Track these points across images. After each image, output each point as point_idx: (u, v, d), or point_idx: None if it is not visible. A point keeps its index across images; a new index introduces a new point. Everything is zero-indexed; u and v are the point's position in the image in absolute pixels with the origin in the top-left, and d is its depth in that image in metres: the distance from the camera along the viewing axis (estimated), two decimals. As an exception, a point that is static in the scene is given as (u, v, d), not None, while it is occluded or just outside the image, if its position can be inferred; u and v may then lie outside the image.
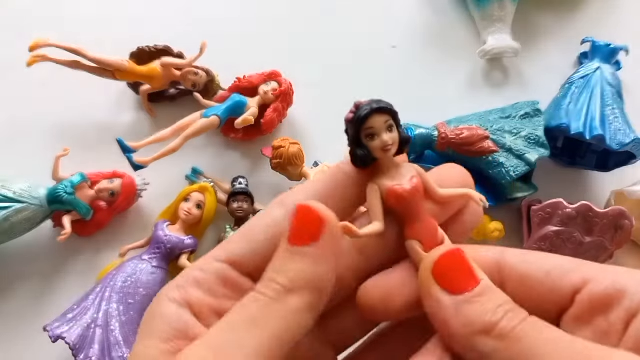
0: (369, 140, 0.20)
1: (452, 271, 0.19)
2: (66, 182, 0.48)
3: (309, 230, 0.19)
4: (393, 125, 0.21)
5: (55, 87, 0.55)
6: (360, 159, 0.21)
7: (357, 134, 0.21)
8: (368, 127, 0.20)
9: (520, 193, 0.52)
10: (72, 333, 0.43)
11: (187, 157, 0.53)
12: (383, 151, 0.20)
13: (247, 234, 0.21)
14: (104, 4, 0.60)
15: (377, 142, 0.20)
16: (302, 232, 0.19)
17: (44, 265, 0.51)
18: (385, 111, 0.20)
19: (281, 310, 0.18)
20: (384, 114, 0.20)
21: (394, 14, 0.61)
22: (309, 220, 0.19)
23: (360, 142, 0.21)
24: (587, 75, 0.54)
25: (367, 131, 0.20)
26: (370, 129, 0.20)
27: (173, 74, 0.53)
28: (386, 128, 0.20)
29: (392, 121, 0.21)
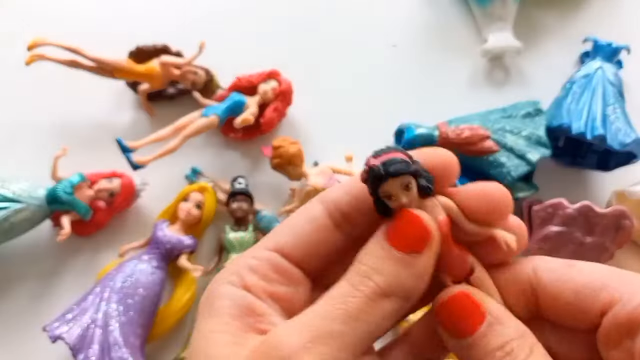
0: (387, 199, 0.20)
1: (455, 315, 0.20)
2: (65, 182, 0.48)
3: (414, 238, 0.19)
4: (410, 182, 0.20)
5: (53, 87, 0.55)
6: (382, 212, 0.21)
7: (375, 192, 0.20)
8: (384, 191, 0.20)
9: (521, 193, 0.51)
10: (72, 333, 0.43)
11: (187, 157, 0.53)
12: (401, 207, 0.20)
13: (292, 226, 0.22)
14: (103, 3, 0.60)
15: (394, 204, 0.20)
16: (408, 239, 0.19)
17: (43, 266, 0.50)
18: (399, 175, 0.20)
19: (376, 311, 0.19)
20: (397, 178, 0.20)
21: (394, 13, 0.61)
22: (415, 229, 0.19)
23: (380, 198, 0.20)
24: (588, 75, 0.54)
25: (384, 193, 0.20)
26: (386, 192, 0.20)
27: (172, 73, 0.53)
28: (402, 189, 0.20)
29: (408, 178, 0.20)
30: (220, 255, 0.50)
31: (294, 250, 0.22)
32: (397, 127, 0.54)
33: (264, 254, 0.22)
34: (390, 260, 0.19)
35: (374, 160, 0.20)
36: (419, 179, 0.20)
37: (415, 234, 0.19)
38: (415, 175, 0.20)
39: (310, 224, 0.22)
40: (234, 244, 0.49)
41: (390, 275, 0.19)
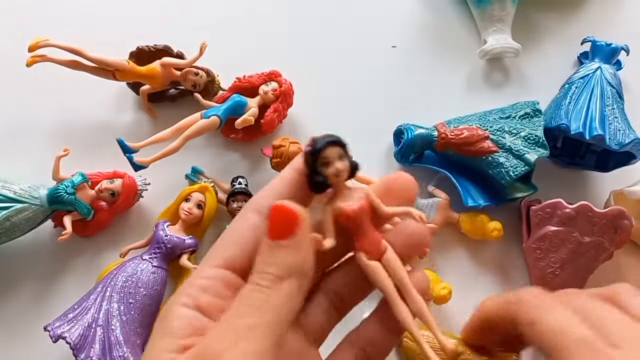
0: (325, 168, 0.24)
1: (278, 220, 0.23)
2: (67, 182, 0.48)
3: (286, 226, 0.22)
4: (344, 155, 0.24)
5: (55, 87, 0.55)
6: (317, 185, 0.24)
7: (315, 163, 0.24)
8: (324, 157, 0.24)
9: (520, 193, 0.52)
10: (73, 332, 0.43)
11: (187, 157, 0.53)
12: (336, 176, 0.24)
13: (236, 239, 0.24)
14: (104, 4, 0.60)
15: (331, 169, 0.24)
16: (281, 228, 0.22)
17: (45, 265, 0.51)
18: (337, 144, 0.24)
19: (278, 295, 0.21)
20: (336, 146, 0.24)
21: (394, 14, 0.61)
22: (285, 218, 0.22)
23: (317, 170, 0.24)
24: (587, 75, 0.54)
25: (323, 160, 0.24)
26: (325, 158, 0.24)
27: (173, 74, 0.53)
28: (338, 157, 0.24)
29: (342, 151, 0.24)
30: (220, 255, 0.50)
31: (241, 263, 0.23)
32: (397, 127, 0.54)
33: (213, 272, 0.23)
34: (277, 250, 0.22)
35: (316, 137, 0.24)
36: (350, 158, 0.25)
37: (287, 221, 0.22)
38: (347, 154, 0.25)
39: (252, 232, 0.23)
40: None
41: (279, 262, 0.22)
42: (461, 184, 0.51)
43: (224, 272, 0.23)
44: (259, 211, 0.24)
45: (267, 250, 0.22)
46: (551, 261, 0.49)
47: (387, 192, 0.25)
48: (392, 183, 0.26)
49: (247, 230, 0.24)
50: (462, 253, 0.53)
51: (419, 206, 0.52)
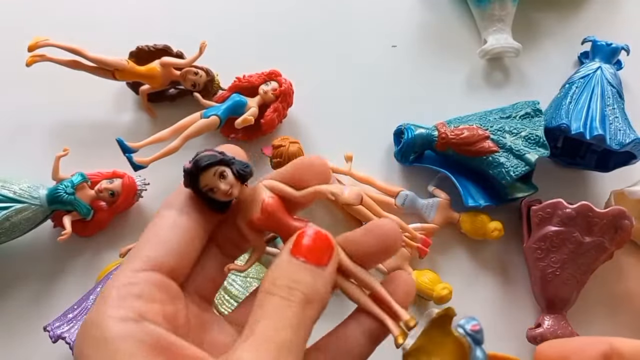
0: (212, 193, 0.22)
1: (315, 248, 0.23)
2: (66, 182, 0.48)
3: (323, 254, 0.22)
4: (224, 170, 0.22)
5: (54, 87, 0.55)
6: (217, 207, 0.23)
7: (201, 193, 0.22)
8: (204, 186, 0.22)
9: (520, 193, 0.52)
10: (73, 333, 0.43)
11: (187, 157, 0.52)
12: (228, 196, 0.22)
13: (158, 238, 0.22)
14: (104, 4, 0.60)
15: (218, 194, 0.22)
16: (318, 254, 0.22)
17: (44, 266, 0.51)
18: (208, 167, 0.22)
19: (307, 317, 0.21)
20: (208, 169, 0.22)
21: (394, 14, 0.61)
22: (324, 246, 0.22)
23: (208, 196, 0.22)
24: (587, 75, 0.54)
25: (205, 188, 0.22)
26: (205, 186, 0.22)
27: (173, 74, 0.53)
28: (218, 177, 0.22)
29: (220, 168, 0.22)
30: (220, 255, 0.50)
31: (168, 263, 0.22)
32: (397, 127, 0.54)
33: (140, 275, 0.21)
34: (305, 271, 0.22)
35: (187, 165, 0.22)
36: (232, 167, 0.22)
37: (324, 249, 0.22)
38: (227, 165, 0.22)
39: (174, 231, 0.22)
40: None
41: (310, 285, 0.21)
42: (461, 184, 0.51)
43: (150, 274, 0.21)
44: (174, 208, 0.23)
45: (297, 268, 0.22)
46: (552, 261, 0.49)
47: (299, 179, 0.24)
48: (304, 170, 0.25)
49: (169, 230, 0.23)
50: (462, 253, 0.53)
51: (420, 206, 0.52)
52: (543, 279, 0.49)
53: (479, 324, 0.23)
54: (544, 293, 0.49)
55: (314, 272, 0.22)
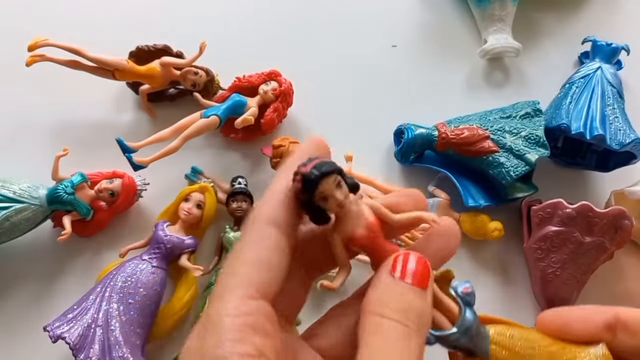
0: (323, 202, 0.21)
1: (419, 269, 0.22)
2: (66, 182, 0.48)
3: (426, 276, 0.22)
4: (341, 180, 0.22)
5: (54, 87, 0.55)
6: (320, 220, 0.22)
7: (311, 199, 0.21)
8: (319, 192, 0.21)
9: (521, 193, 0.52)
10: (73, 333, 0.43)
11: (187, 157, 0.53)
12: (339, 207, 0.22)
13: (263, 261, 0.21)
14: (104, 4, 0.60)
15: (331, 204, 0.22)
16: (422, 277, 0.22)
17: (44, 265, 0.51)
18: (331, 173, 0.21)
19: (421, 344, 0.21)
20: (330, 175, 0.21)
21: (394, 14, 0.61)
22: (425, 269, 0.22)
23: (315, 205, 0.22)
24: (587, 75, 0.54)
25: (320, 195, 0.21)
26: (321, 193, 0.21)
27: (172, 74, 0.53)
28: (335, 187, 0.21)
29: (339, 177, 0.22)
30: (220, 255, 0.50)
31: (273, 289, 0.21)
32: (397, 127, 0.54)
33: (253, 305, 0.20)
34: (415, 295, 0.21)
35: (305, 168, 0.21)
36: (344, 177, 0.22)
37: (424, 271, 0.22)
38: (342, 174, 0.22)
39: (278, 253, 0.21)
40: (234, 244, 0.49)
41: (420, 307, 0.21)
42: (462, 184, 0.51)
43: (261, 304, 0.20)
44: (275, 225, 0.21)
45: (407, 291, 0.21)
46: (552, 261, 0.49)
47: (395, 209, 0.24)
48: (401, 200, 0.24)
49: (274, 252, 0.21)
50: (462, 253, 0.53)
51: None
52: (543, 279, 0.49)
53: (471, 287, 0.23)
54: (544, 293, 0.49)
55: (422, 296, 0.21)
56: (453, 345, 0.23)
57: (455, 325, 0.23)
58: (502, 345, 0.23)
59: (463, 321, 0.23)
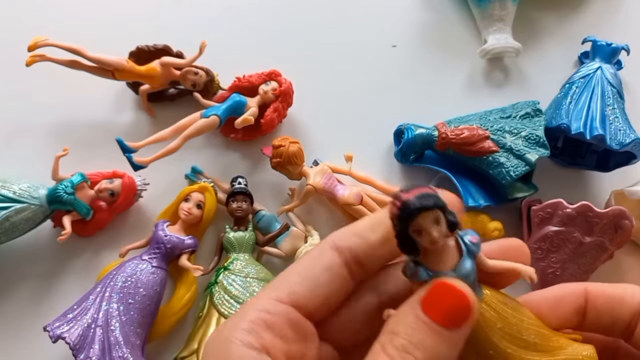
0: (417, 235, 0.20)
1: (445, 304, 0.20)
2: (66, 182, 0.48)
3: (455, 312, 0.19)
4: (440, 217, 0.20)
5: (54, 87, 0.55)
6: (409, 250, 0.21)
7: (405, 227, 0.20)
8: (415, 225, 0.20)
9: (521, 193, 0.52)
10: (72, 333, 0.43)
11: (187, 157, 0.53)
12: (432, 244, 0.20)
13: (308, 275, 0.21)
14: (104, 3, 0.60)
15: (425, 238, 0.20)
16: (447, 311, 0.19)
17: (44, 266, 0.51)
18: (433, 208, 0.20)
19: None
20: (431, 210, 0.20)
21: (394, 14, 0.61)
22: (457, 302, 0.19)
23: (408, 235, 0.20)
24: (587, 75, 0.54)
25: (414, 228, 0.20)
26: (418, 226, 0.20)
27: (172, 74, 0.53)
28: (433, 223, 0.20)
29: (439, 212, 0.20)
30: (220, 255, 0.50)
31: (309, 303, 0.21)
32: (397, 127, 0.54)
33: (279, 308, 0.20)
34: (430, 333, 0.19)
35: (407, 195, 0.20)
36: (446, 214, 0.21)
37: (456, 308, 0.19)
38: (444, 211, 0.20)
39: (328, 273, 0.21)
40: (234, 244, 0.49)
41: (430, 350, 0.19)
42: (462, 184, 0.51)
43: (288, 309, 0.20)
44: (337, 248, 0.22)
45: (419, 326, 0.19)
46: (552, 261, 0.49)
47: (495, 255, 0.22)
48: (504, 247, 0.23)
49: (322, 270, 0.21)
50: (462, 253, 0.53)
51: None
52: (543, 279, 0.49)
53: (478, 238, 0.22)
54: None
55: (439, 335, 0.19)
56: None
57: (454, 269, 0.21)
58: (493, 307, 0.22)
59: (462, 268, 0.21)
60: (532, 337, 0.22)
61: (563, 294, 0.23)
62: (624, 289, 0.22)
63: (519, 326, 0.22)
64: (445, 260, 0.21)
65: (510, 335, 0.22)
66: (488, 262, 0.22)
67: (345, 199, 0.50)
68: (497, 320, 0.22)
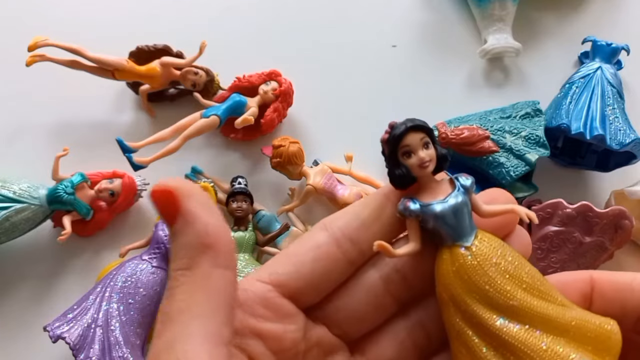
0: (406, 158, 0.21)
1: None
2: (66, 182, 0.48)
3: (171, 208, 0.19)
4: (429, 142, 0.21)
5: (54, 87, 0.55)
6: (399, 179, 0.21)
7: (394, 153, 0.21)
8: (404, 145, 0.21)
9: (521, 193, 0.52)
10: (73, 333, 0.43)
11: (187, 157, 0.53)
12: (421, 168, 0.21)
13: (292, 255, 0.21)
14: (104, 3, 0.60)
15: (414, 160, 0.21)
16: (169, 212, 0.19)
17: (44, 266, 0.51)
18: (420, 129, 0.21)
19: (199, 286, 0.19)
20: (419, 131, 0.21)
21: (394, 14, 0.61)
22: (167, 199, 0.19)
23: (398, 161, 0.21)
24: (587, 75, 0.54)
25: (404, 149, 0.21)
26: (406, 146, 0.21)
27: (172, 74, 0.53)
28: (422, 145, 0.21)
29: (427, 138, 0.21)
30: (220, 255, 0.50)
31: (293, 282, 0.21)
32: (397, 127, 0.54)
33: (254, 286, 0.20)
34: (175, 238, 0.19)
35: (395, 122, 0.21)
36: (436, 145, 0.21)
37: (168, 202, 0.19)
38: (433, 140, 0.21)
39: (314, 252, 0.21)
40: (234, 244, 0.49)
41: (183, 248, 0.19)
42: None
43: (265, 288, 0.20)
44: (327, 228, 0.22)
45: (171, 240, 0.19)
46: (552, 261, 0.49)
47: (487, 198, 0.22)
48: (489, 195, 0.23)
49: (308, 249, 0.21)
50: (462, 253, 0.53)
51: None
52: (543, 279, 0.49)
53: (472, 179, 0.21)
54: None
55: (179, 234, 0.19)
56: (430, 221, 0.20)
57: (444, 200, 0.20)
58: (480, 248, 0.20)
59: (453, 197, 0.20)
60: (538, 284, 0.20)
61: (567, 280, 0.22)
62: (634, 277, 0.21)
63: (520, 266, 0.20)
64: (437, 194, 0.21)
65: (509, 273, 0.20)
66: (482, 206, 0.21)
67: (345, 199, 0.50)
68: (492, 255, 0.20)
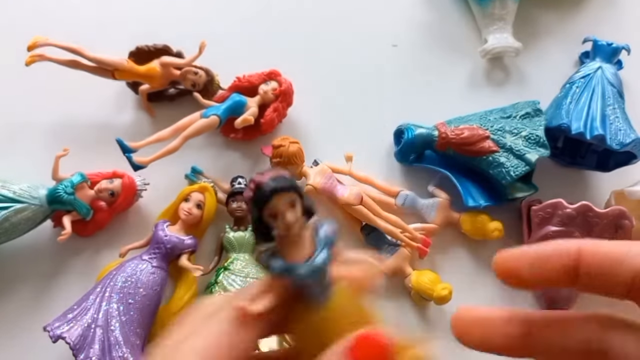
0: (273, 220, 0.20)
1: None
2: (66, 182, 0.48)
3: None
4: (296, 200, 0.20)
5: (54, 87, 0.55)
6: (264, 238, 0.21)
7: (259, 213, 0.20)
8: (270, 208, 0.20)
9: (521, 193, 0.52)
10: (73, 333, 0.43)
11: (187, 157, 0.53)
12: (287, 230, 0.20)
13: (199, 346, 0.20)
14: (103, 3, 0.60)
15: (279, 223, 0.20)
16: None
17: (44, 266, 0.51)
18: (286, 190, 0.20)
19: None
20: (284, 193, 0.20)
21: (395, 13, 0.61)
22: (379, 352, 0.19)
23: (263, 221, 0.20)
24: (588, 75, 0.54)
25: (270, 211, 0.20)
26: (272, 208, 0.20)
27: (172, 74, 0.53)
28: (289, 206, 0.20)
29: (294, 196, 0.20)
30: (220, 255, 0.50)
31: None
32: (397, 127, 0.54)
33: None
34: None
35: (261, 177, 0.20)
36: (303, 199, 0.20)
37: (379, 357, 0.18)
38: (300, 195, 0.20)
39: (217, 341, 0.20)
40: (234, 244, 0.49)
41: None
42: (462, 184, 0.51)
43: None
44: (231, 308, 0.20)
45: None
46: (552, 261, 0.49)
47: None
48: None
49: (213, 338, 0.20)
50: (462, 253, 0.53)
51: (420, 206, 0.52)
52: (543, 279, 0.49)
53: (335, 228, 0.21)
54: (544, 293, 0.49)
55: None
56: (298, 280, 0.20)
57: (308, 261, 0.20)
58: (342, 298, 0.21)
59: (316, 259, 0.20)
60: None
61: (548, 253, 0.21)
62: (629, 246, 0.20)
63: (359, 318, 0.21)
64: (300, 250, 0.20)
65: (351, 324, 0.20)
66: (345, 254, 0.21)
67: (345, 199, 0.50)
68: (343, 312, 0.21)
